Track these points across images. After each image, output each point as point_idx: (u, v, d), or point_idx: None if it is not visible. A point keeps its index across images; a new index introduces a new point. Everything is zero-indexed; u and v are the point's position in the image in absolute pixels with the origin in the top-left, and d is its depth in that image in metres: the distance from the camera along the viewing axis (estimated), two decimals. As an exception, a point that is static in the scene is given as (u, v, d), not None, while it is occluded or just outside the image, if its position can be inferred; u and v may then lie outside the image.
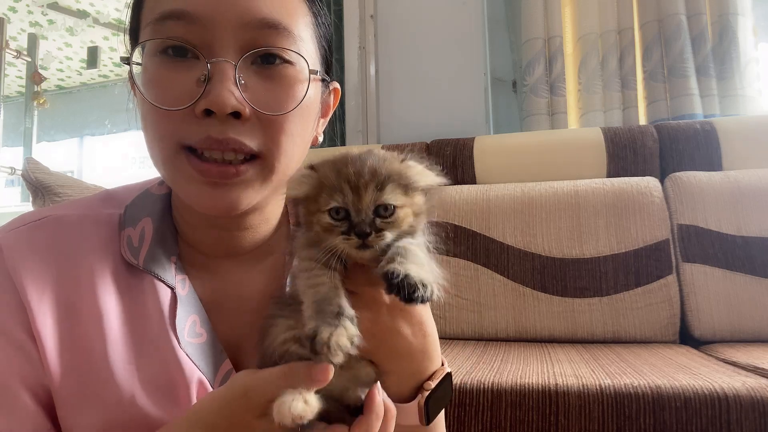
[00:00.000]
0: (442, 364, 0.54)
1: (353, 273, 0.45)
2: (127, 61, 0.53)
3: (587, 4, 2.21)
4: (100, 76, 5.11)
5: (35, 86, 3.95)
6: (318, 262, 0.44)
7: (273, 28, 0.50)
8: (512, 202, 1.75)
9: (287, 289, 0.57)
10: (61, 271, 0.52)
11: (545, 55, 2.24)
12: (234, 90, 0.49)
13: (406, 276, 0.40)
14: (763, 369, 1.11)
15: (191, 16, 0.49)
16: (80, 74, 5.10)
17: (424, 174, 0.46)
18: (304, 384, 0.40)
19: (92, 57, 4.40)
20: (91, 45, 4.44)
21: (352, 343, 0.40)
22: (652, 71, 2.11)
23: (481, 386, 1.07)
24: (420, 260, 0.43)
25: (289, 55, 0.52)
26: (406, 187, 0.44)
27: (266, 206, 0.60)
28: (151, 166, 0.55)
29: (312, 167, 0.46)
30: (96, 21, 4.17)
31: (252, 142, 0.51)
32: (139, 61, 0.53)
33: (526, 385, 1.06)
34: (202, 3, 0.49)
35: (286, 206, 0.65)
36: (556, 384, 1.05)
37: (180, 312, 0.54)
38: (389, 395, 0.49)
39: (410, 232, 0.45)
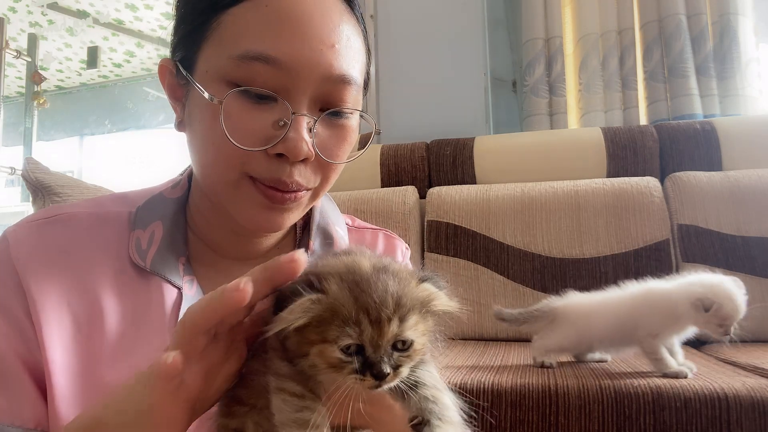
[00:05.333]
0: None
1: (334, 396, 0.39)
2: (188, 74, 0.53)
3: (587, 5, 2.21)
4: (99, 76, 5.11)
5: (35, 86, 3.95)
6: (301, 394, 0.37)
7: (348, 84, 0.54)
8: (512, 202, 1.75)
9: None
10: (65, 269, 0.54)
11: (545, 56, 2.24)
12: (308, 139, 0.52)
13: None
14: (763, 369, 1.11)
15: (281, 63, 0.50)
16: (80, 74, 5.11)
17: (445, 303, 0.40)
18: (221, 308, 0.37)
19: (92, 57, 4.41)
20: (91, 45, 4.45)
21: None
22: (652, 71, 2.11)
23: (481, 386, 1.07)
24: (451, 410, 0.37)
25: (354, 112, 0.56)
26: (425, 314, 0.38)
27: None
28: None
29: (320, 289, 0.36)
30: (96, 21, 4.17)
31: (310, 182, 0.55)
32: (194, 79, 0.53)
33: (526, 385, 1.06)
34: (291, 52, 0.50)
35: None
36: (556, 384, 1.05)
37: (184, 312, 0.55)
38: None
39: (420, 359, 0.39)
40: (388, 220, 1.77)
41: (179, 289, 0.56)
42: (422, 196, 1.90)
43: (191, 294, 0.57)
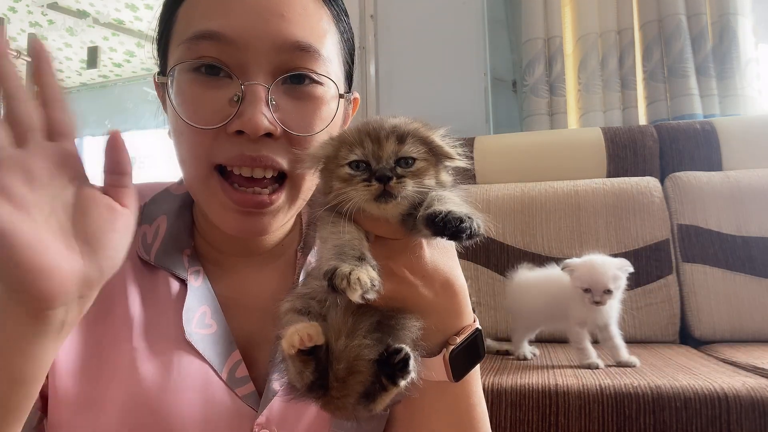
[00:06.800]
0: (474, 321, 0.52)
1: (372, 247, 0.42)
2: (162, 77, 0.55)
3: (587, 4, 2.21)
4: (100, 76, 5.11)
5: (35, 86, 3.95)
6: (343, 218, 0.42)
7: (305, 50, 0.52)
8: (512, 202, 1.75)
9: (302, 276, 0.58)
10: None
11: (545, 55, 2.24)
12: (266, 112, 0.50)
13: (450, 212, 0.38)
14: (763, 369, 1.11)
15: (226, 38, 0.50)
16: (80, 74, 5.10)
17: (445, 143, 0.45)
18: None
19: (92, 57, 4.40)
20: (91, 45, 4.44)
21: (372, 284, 0.38)
22: (652, 71, 2.11)
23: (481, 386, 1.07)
24: (458, 202, 0.41)
25: (319, 77, 0.54)
26: (429, 150, 0.43)
27: None
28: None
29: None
30: (96, 21, 4.17)
31: (282, 160, 0.53)
32: (170, 73, 0.54)
33: (526, 385, 1.06)
34: (237, 26, 0.50)
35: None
36: (556, 384, 1.05)
37: (190, 302, 0.55)
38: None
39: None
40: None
41: (183, 281, 0.57)
42: (422, 196, 1.90)
43: (197, 285, 0.57)
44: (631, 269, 1.20)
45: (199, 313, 0.55)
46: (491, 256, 1.69)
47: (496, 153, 1.95)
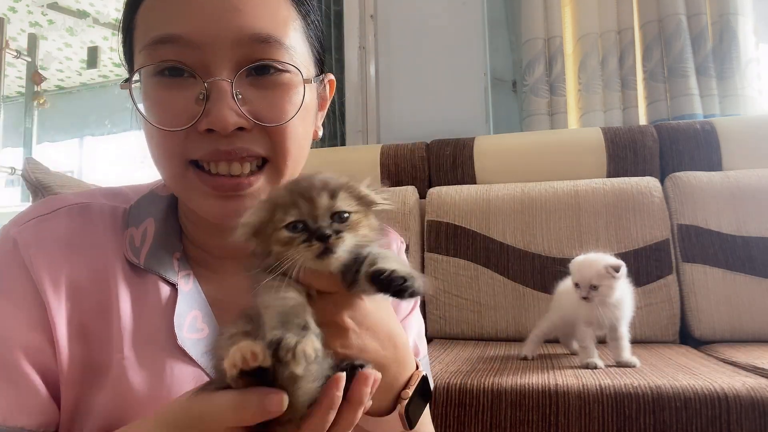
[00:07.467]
0: (417, 368, 0.53)
1: (316, 304, 0.43)
2: (126, 84, 0.55)
3: (587, 4, 2.21)
4: (100, 76, 5.11)
5: (35, 86, 3.96)
6: (285, 281, 0.42)
7: (265, 42, 0.51)
8: (512, 202, 1.75)
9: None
10: (72, 260, 0.54)
11: (545, 55, 2.24)
12: (234, 106, 0.50)
13: (393, 270, 0.40)
14: (763, 369, 1.11)
15: (184, 39, 0.50)
16: (80, 74, 5.11)
17: (371, 190, 0.46)
18: (256, 416, 0.39)
19: (92, 57, 4.40)
20: (91, 45, 4.44)
21: (316, 355, 0.38)
22: (652, 71, 2.11)
23: (481, 386, 1.07)
24: (400, 262, 0.43)
25: (283, 65, 0.53)
26: (359, 202, 0.45)
27: None
28: (152, 165, 0.56)
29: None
30: (96, 21, 4.17)
31: (260, 148, 0.53)
32: (137, 78, 0.54)
33: (526, 385, 1.06)
34: (194, 26, 0.50)
35: None
36: (556, 384, 1.05)
37: (180, 307, 0.55)
38: (370, 412, 0.48)
39: (368, 243, 0.45)
40: (387, 220, 1.77)
41: (174, 285, 0.56)
42: (422, 196, 1.90)
43: (187, 289, 0.57)
44: (624, 270, 1.18)
45: (190, 317, 0.55)
46: (491, 256, 1.69)
47: (496, 153, 1.95)
